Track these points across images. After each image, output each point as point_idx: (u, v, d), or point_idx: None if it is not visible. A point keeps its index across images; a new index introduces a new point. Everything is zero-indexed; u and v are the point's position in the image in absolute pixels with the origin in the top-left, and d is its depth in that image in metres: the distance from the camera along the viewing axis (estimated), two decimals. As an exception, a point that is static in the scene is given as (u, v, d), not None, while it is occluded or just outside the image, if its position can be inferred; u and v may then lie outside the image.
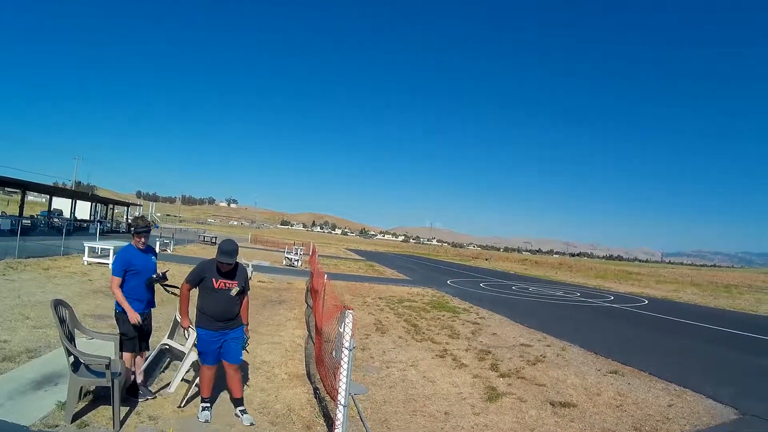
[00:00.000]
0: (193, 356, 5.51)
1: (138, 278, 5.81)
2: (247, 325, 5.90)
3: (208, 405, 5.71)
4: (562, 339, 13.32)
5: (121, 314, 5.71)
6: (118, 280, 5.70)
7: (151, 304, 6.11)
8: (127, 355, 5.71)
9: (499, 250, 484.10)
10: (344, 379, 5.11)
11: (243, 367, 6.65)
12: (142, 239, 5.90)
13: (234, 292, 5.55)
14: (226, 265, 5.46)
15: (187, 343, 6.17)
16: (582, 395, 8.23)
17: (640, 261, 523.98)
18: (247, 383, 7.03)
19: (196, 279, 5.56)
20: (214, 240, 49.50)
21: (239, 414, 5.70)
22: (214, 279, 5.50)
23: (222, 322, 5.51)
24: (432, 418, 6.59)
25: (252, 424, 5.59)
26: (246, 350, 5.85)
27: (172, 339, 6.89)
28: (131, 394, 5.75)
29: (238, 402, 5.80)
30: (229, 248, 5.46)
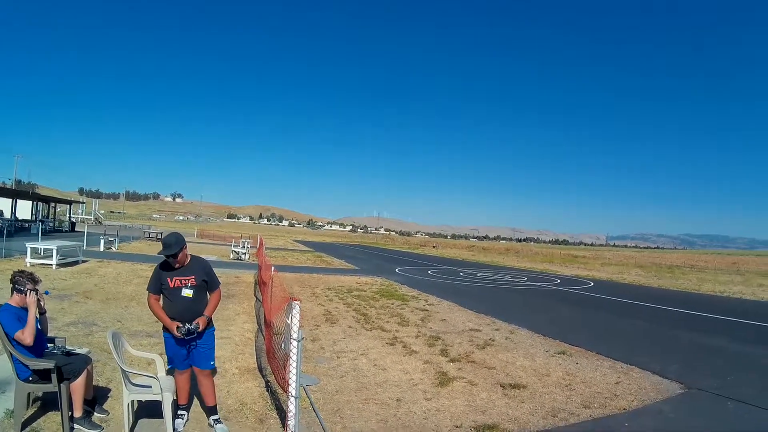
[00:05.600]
0: (169, 397, 5.28)
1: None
2: (210, 315, 5.50)
3: (184, 413, 5.59)
4: (510, 323, 13.68)
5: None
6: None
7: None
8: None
9: (446, 237, 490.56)
10: (294, 371, 5.14)
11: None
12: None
13: (189, 289, 5.35)
14: (172, 258, 5.25)
15: (162, 383, 5.41)
16: (531, 376, 8.49)
17: (585, 245, 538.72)
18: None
19: (156, 284, 5.33)
20: (159, 236, 48.26)
21: (212, 423, 5.52)
22: (168, 278, 5.32)
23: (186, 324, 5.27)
24: (384, 405, 6.69)
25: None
26: (191, 330, 5.55)
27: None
28: (90, 405, 5.56)
29: (211, 410, 5.62)
30: (169, 240, 5.26)
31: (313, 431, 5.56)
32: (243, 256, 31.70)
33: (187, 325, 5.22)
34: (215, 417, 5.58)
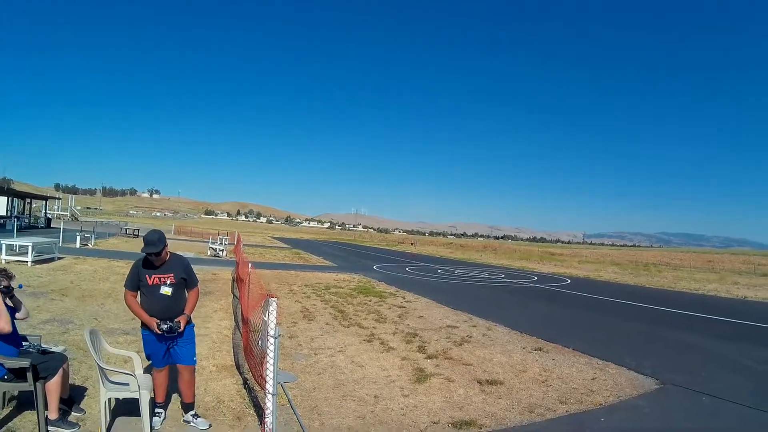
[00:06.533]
0: (146, 395, 5.22)
1: None
2: (190, 314, 5.51)
3: (161, 411, 5.53)
4: (487, 319, 13.79)
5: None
6: None
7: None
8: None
9: (424, 234, 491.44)
10: (272, 368, 5.15)
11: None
12: None
13: (169, 287, 5.33)
14: (155, 256, 5.23)
15: (139, 381, 5.32)
16: (508, 372, 8.59)
17: (562, 242, 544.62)
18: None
19: (134, 280, 5.29)
20: (136, 232, 47.79)
21: (191, 419, 5.49)
22: (147, 276, 5.28)
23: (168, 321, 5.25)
24: (362, 401, 6.72)
25: (211, 426, 5.49)
26: (172, 328, 5.53)
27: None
28: (66, 404, 5.49)
29: (189, 406, 5.58)
30: (152, 238, 5.22)
31: (290, 428, 5.57)
32: (220, 253, 31.50)
33: (169, 323, 5.21)
34: (193, 412, 5.56)
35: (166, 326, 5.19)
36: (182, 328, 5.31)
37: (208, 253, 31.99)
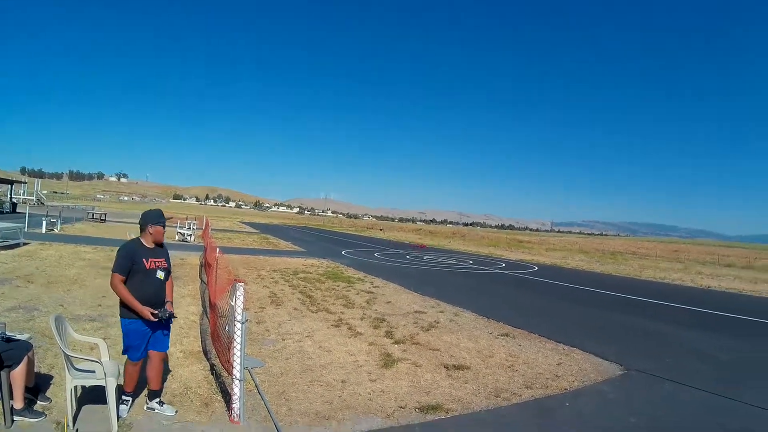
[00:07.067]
0: (113, 382, 5.10)
1: None
2: (171, 302, 5.51)
3: (129, 399, 5.39)
4: (455, 305, 13.93)
5: None
6: None
7: None
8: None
9: (394, 220, 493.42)
10: (238, 353, 5.15)
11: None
12: None
13: (162, 271, 5.35)
14: (161, 232, 5.39)
15: (106, 368, 5.19)
16: (475, 358, 8.69)
17: (531, 230, 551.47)
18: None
19: (127, 265, 5.14)
20: (103, 217, 47.08)
21: (156, 406, 5.40)
22: (144, 259, 5.21)
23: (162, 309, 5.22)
24: (329, 386, 6.73)
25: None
26: (163, 322, 5.46)
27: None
28: (32, 393, 5.36)
29: (155, 393, 5.49)
30: (156, 211, 5.40)
31: (258, 414, 5.55)
32: (188, 238, 31.21)
33: (168, 311, 5.21)
34: (158, 399, 5.48)
35: (166, 314, 5.18)
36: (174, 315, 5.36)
37: (176, 238, 31.53)
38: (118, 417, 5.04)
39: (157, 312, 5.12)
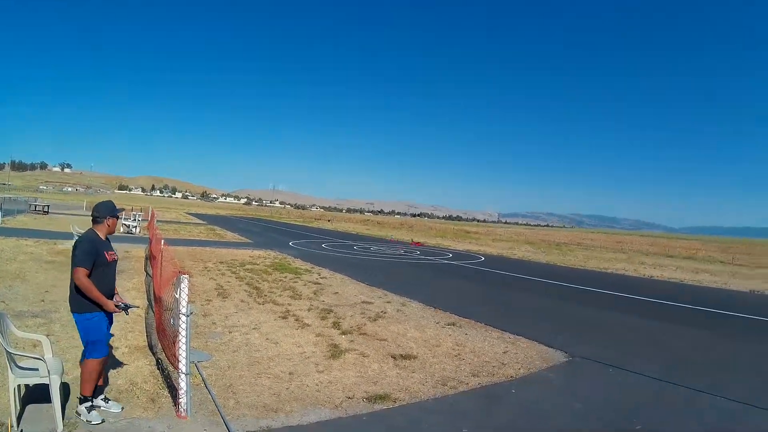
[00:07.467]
0: (56, 380, 4.88)
1: None
2: (118, 293, 5.45)
3: (90, 404, 5.12)
4: (402, 295, 14.06)
5: None
6: None
7: None
8: None
9: (342, 211, 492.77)
10: (184, 347, 5.10)
11: (78, 345, 6.17)
12: None
13: (115, 263, 5.32)
14: (116, 224, 5.39)
15: (50, 365, 4.97)
16: (422, 347, 8.80)
17: (478, 221, 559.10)
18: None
19: (92, 257, 4.99)
20: (46, 209, 45.71)
21: (101, 403, 5.21)
22: (106, 252, 5.12)
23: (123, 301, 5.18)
24: (277, 379, 6.72)
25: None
26: (127, 314, 5.50)
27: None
28: None
29: (100, 390, 5.33)
30: (108, 202, 5.35)
31: (205, 408, 5.50)
32: (134, 230, 30.54)
33: (127, 302, 5.20)
34: (103, 396, 5.32)
35: (124, 305, 5.14)
36: None
37: (121, 229, 30.77)
38: (63, 415, 4.88)
39: (120, 304, 5.05)
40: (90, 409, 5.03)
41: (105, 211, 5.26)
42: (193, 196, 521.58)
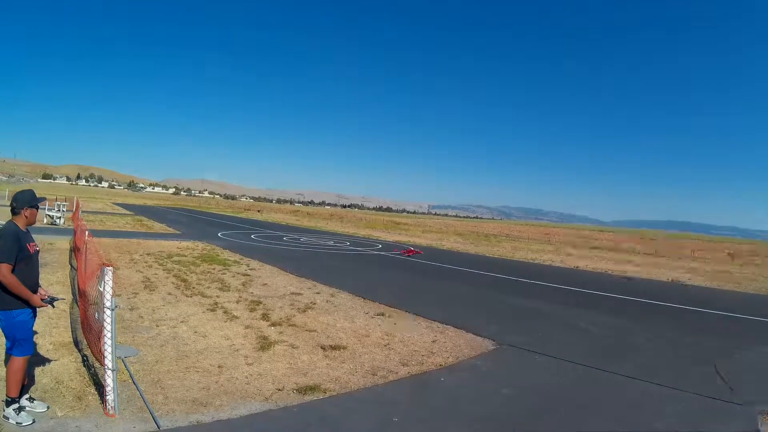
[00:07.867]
0: None
1: None
2: (41, 286, 5.25)
3: (17, 405, 4.90)
4: (331, 286, 14.16)
5: None
6: None
7: None
8: None
9: (271, 201, 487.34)
10: (109, 342, 5.01)
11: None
12: None
13: (37, 255, 5.16)
14: (36, 215, 5.22)
15: None
16: (352, 338, 8.93)
17: (408, 212, 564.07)
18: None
19: (15, 251, 4.80)
20: None
21: (26, 403, 5.03)
22: (28, 244, 4.95)
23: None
24: (206, 372, 6.67)
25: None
26: (53, 306, 5.32)
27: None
28: None
29: (25, 389, 5.14)
30: (28, 192, 5.21)
31: (134, 404, 5.42)
32: (58, 221, 29.31)
33: (51, 294, 5.03)
34: (27, 396, 5.14)
35: (48, 298, 5.01)
36: None
37: (45, 220, 29.50)
38: (23, 424, 4.74)
39: (45, 297, 4.92)
40: (18, 410, 4.86)
41: (23, 202, 5.08)
42: (119, 186, 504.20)
